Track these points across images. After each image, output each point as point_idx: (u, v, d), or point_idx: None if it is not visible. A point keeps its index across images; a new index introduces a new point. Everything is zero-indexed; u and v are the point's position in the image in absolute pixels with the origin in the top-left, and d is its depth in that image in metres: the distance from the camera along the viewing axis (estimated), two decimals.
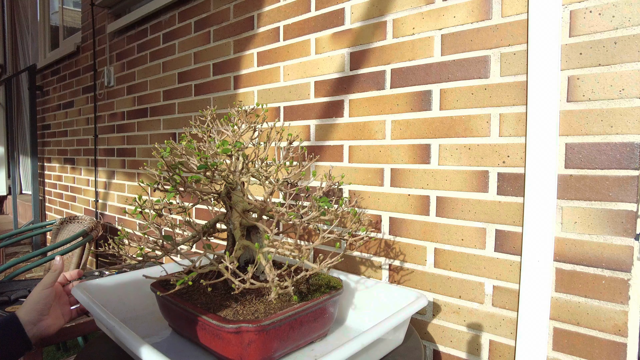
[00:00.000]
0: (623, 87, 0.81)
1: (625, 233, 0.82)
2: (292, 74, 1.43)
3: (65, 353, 2.15)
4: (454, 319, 1.06)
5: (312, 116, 1.37)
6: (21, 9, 4.53)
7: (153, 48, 2.14)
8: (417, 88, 1.11)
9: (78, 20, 3.15)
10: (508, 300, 0.97)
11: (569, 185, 0.88)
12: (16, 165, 4.71)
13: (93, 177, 2.76)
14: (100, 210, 2.73)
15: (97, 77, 2.68)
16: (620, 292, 0.82)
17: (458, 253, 1.05)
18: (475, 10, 1.00)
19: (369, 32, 1.21)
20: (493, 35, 0.98)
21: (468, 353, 1.04)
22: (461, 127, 1.03)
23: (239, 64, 1.64)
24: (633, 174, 0.81)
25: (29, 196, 4.20)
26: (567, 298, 0.88)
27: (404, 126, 1.14)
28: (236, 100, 1.66)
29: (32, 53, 4.29)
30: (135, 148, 2.31)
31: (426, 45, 1.09)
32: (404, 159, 1.14)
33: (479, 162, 1.01)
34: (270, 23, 1.50)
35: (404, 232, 1.15)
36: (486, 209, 1.00)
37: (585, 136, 0.86)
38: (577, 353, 0.88)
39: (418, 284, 1.13)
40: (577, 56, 0.86)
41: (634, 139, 0.80)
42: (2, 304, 1.24)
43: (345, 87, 1.28)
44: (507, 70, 0.96)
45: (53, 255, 2.00)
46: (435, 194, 1.09)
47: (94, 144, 2.73)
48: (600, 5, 0.83)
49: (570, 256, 0.88)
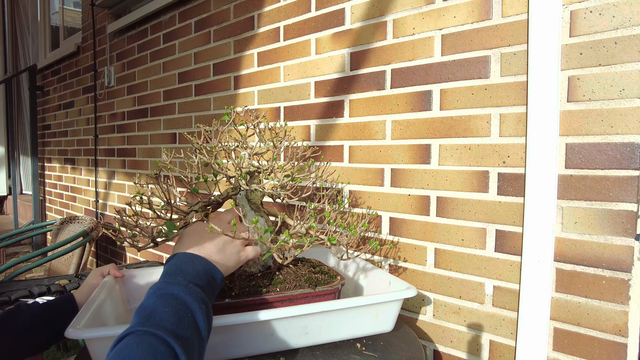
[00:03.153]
0: (623, 87, 0.81)
1: (625, 233, 0.82)
2: (292, 74, 1.43)
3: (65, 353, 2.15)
4: (454, 319, 1.06)
5: (313, 116, 1.37)
6: (21, 9, 4.53)
7: (153, 48, 2.14)
8: (418, 88, 1.11)
9: (78, 21, 3.15)
10: (508, 301, 0.97)
11: (569, 186, 0.88)
12: (16, 165, 4.72)
13: (93, 177, 2.76)
14: (101, 210, 2.73)
15: (97, 77, 2.69)
16: (620, 292, 0.82)
17: (458, 253, 1.05)
18: (476, 11, 1.00)
19: (369, 32, 1.21)
20: (493, 36, 0.98)
21: (468, 353, 1.04)
22: (461, 127, 1.03)
23: (239, 64, 1.64)
24: (633, 174, 0.81)
25: (30, 196, 4.20)
26: (568, 298, 0.88)
27: (404, 126, 1.14)
28: (237, 100, 1.66)
29: (32, 53, 4.30)
30: (136, 148, 2.31)
31: (426, 45, 1.09)
32: (404, 159, 1.14)
33: (479, 162, 1.01)
34: (271, 23, 1.50)
35: (404, 232, 1.15)
36: (486, 209, 1.00)
37: (585, 136, 0.86)
38: (577, 353, 0.87)
39: (418, 284, 1.12)
40: (577, 56, 0.86)
41: (634, 139, 0.80)
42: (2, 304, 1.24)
43: (345, 87, 1.28)
44: (508, 71, 0.96)
45: (53, 255, 2.00)
46: (435, 194, 1.09)
47: (94, 144, 2.73)
48: (601, 5, 0.83)
49: (570, 256, 0.88)
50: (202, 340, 0.58)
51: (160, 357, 0.50)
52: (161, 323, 0.54)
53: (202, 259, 0.69)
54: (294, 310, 0.77)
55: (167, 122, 2.06)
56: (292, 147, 0.96)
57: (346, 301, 0.82)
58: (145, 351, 0.50)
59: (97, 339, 0.69)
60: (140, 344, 0.51)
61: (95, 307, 0.78)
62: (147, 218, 0.85)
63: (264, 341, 0.78)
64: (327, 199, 0.94)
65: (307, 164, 0.95)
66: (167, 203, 0.82)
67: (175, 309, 0.57)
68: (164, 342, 0.52)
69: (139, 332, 0.52)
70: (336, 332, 0.84)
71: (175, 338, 0.53)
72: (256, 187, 0.88)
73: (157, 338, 0.52)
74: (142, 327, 0.53)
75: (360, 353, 0.81)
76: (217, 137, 0.91)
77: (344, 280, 0.90)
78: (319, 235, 0.81)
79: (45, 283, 1.42)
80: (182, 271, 0.65)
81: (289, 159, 0.92)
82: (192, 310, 0.59)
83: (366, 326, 0.87)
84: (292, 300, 0.82)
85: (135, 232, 0.80)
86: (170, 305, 0.57)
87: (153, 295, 0.60)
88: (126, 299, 0.99)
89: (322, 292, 0.84)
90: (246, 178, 0.88)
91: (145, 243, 0.82)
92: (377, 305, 0.86)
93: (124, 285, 1.00)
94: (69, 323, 0.84)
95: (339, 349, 0.82)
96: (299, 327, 0.79)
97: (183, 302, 0.59)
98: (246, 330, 0.76)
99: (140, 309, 0.57)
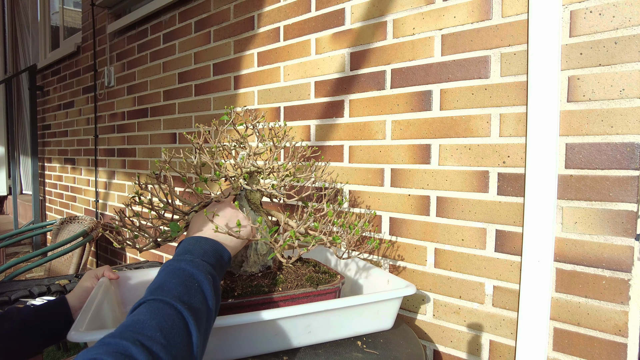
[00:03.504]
0: (623, 87, 0.81)
1: (625, 233, 0.82)
2: (292, 74, 1.43)
3: (65, 353, 2.15)
4: (454, 319, 1.06)
5: (313, 116, 1.37)
6: (21, 9, 4.53)
7: (153, 48, 2.14)
8: (418, 88, 1.11)
9: (78, 21, 3.15)
10: (508, 301, 0.97)
11: (569, 186, 0.88)
12: (16, 165, 4.72)
13: (93, 177, 2.76)
14: (101, 210, 2.73)
15: (97, 77, 2.69)
16: (620, 292, 0.82)
17: (458, 253, 1.05)
18: (476, 11, 1.00)
19: (369, 32, 1.21)
20: (493, 36, 0.98)
21: (468, 353, 1.04)
22: (461, 127, 1.03)
23: (239, 64, 1.64)
24: (633, 174, 0.81)
25: (30, 196, 4.20)
26: (568, 298, 0.88)
27: (404, 126, 1.14)
28: (237, 100, 1.66)
29: (32, 53, 4.29)
30: (136, 148, 2.31)
31: (426, 45, 1.09)
32: (404, 159, 1.14)
33: (479, 162, 1.01)
34: (271, 23, 1.50)
35: (404, 232, 1.15)
36: (486, 209, 1.00)
37: (585, 136, 0.86)
38: (577, 353, 0.87)
39: (418, 284, 1.12)
40: (577, 56, 0.86)
41: (634, 139, 0.80)
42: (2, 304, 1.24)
43: (345, 87, 1.28)
44: (508, 71, 0.96)
45: (53, 255, 2.00)
46: (435, 194, 1.09)
47: (94, 144, 2.73)
48: (601, 5, 0.83)
49: (570, 256, 0.88)
50: (210, 310, 0.61)
51: (169, 318, 0.53)
52: (169, 292, 0.57)
53: (208, 239, 0.72)
54: (297, 310, 0.77)
55: (167, 122, 2.06)
56: (293, 147, 0.96)
57: (348, 299, 0.82)
58: (154, 313, 0.53)
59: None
60: (149, 308, 0.54)
61: (94, 309, 0.78)
62: (147, 219, 0.85)
63: (267, 341, 0.78)
64: (326, 199, 0.94)
65: (309, 164, 0.96)
66: (167, 203, 0.82)
67: (182, 279, 0.60)
68: (171, 306, 0.55)
69: (148, 300, 0.56)
70: (338, 330, 0.84)
71: (182, 303, 0.56)
72: (258, 188, 0.88)
73: (164, 303, 0.55)
74: (151, 296, 0.56)
75: (361, 350, 0.81)
76: (217, 137, 0.91)
77: (345, 279, 0.90)
78: (320, 235, 0.82)
79: (45, 283, 1.42)
80: (190, 251, 0.68)
81: (290, 158, 0.92)
82: (199, 281, 0.61)
83: (367, 324, 0.87)
84: (294, 299, 0.82)
85: (137, 234, 0.80)
86: (177, 277, 0.61)
87: (162, 272, 0.63)
88: (121, 301, 0.99)
89: (324, 291, 0.84)
90: (246, 178, 0.89)
91: (146, 244, 0.82)
92: (378, 303, 0.86)
93: (118, 287, 1.00)
94: (61, 327, 0.83)
95: (341, 347, 0.82)
96: (302, 326, 0.79)
97: (190, 273, 0.62)
98: (250, 330, 0.76)
99: (150, 285, 0.60)
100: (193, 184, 0.82)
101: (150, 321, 0.51)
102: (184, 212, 0.85)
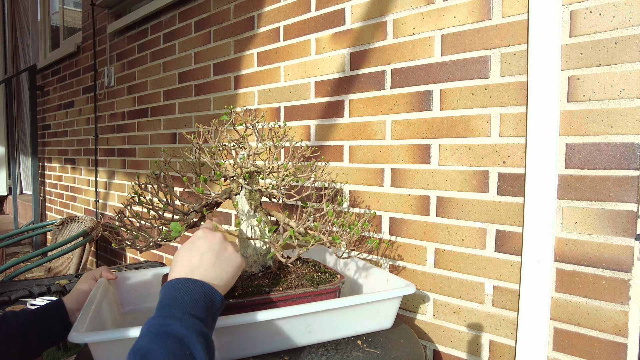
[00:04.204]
0: (623, 87, 0.81)
1: (625, 233, 0.82)
2: (292, 74, 1.43)
3: (65, 353, 2.15)
4: (454, 319, 1.06)
5: (313, 116, 1.37)
6: (21, 9, 4.53)
7: (153, 48, 2.14)
8: (418, 88, 1.11)
9: (78, 21, 3.15)
10: (508, 301, 0.97)
11: (569, 186, 0.88)
12: (16, 165, 4.72)
13: (93, 177, 2.76)
14: (101, 210, 2.73)
15: (97, 77, 2.69)
16: (620, 293, 0.82)
17: (458, 253, 1.05)
18: (476, 11, 1.00)
19: (369, 32, 1.21)
20: (493, 36, 0.98)
21: (468, 353, 1.04)
22: (461, 127, 1.03)
23: (239, 64, 1.64)
24: (633, 174, 0.81)
25: (30, 196, 4.20)
26: (568, 298, 0.88)
27: (404, 126, 1.14)
28: (237, 100, 1.66)
29: (32, 53, 4.30)
30: (136, 148, 2.31)
31: (426, 45, 1.09)
32: (404, 159, 1.14)
33: (479, 162, 1.01)
34: (271, 23, 1.50)
35: (404, 232, 1.15)
36: (486, 209, 1.00)
37: (585, 136, 0.86)
38: (577, 353, 0.87)
39: (418, 284, 1.13)
40: (577, 56, 0.86)
41: (634, 139, 0.80)
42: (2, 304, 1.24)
43: (345, 87, 1.28)
44: (508, 71, 0.96)
45: (53, 255, 2.00)
46: (435, 194, 1.09)
47: (94, 144, 2.74)
48: (601, 5, 0.83)
49: (570, 256, 0.88)
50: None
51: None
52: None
53: (197, 282, 0.64)
54: (298, 309, 0.77)
55: (167, 122, 2.06)
56: (292, 147, 0.96)
57: (349, 299, 0.82)
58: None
59: (100, 343, 0.69)
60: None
61: (94, 309, 0.78)
62: (146, 219, 0.85)
63: (268, 340, 0.78)
64: (326, 198, 0.94)
65: (310, 164, 0.96)
66: (167, 203, 0.82)
67: (170, 348, 0.53)
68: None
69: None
70: (338, 329, 0.84)
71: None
72: (258, 188, 0.88)
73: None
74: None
75: (362, 350, 0.81)
76: (217, 137, 0.91)
77: (344, 279, 0.91)
78: (319, 235, 0.82)
79: (45, 283, 1.42)
80: (177, 301, 0.60)
81: (290, 158, 0.92)
82: (190, 346, 0.54)
83: (367, 323, 0.87)
84: (295, 299, 0.82)
85: (137, 234, 0.80)
86: (165, 345, 0.53)
87: (147, 334, 0.55)
88: (119, 302, 0.99)
89: (324, 290, 0.84)
90: (247, 178, 0.89)
91: (146, 244, 0.82)
92: (378, 303, 0.87)
93: (117, 287, 1.00)
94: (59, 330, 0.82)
95: (341, 347, 0.82)
96: (303, 325, 0.80)
97: (179, 338, 0.54)
98: (251, 330, 0.76)
99: (134, 349, 0.53)
100: (193, 184, 0.82)
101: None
102: (184, 212, 0.85)
